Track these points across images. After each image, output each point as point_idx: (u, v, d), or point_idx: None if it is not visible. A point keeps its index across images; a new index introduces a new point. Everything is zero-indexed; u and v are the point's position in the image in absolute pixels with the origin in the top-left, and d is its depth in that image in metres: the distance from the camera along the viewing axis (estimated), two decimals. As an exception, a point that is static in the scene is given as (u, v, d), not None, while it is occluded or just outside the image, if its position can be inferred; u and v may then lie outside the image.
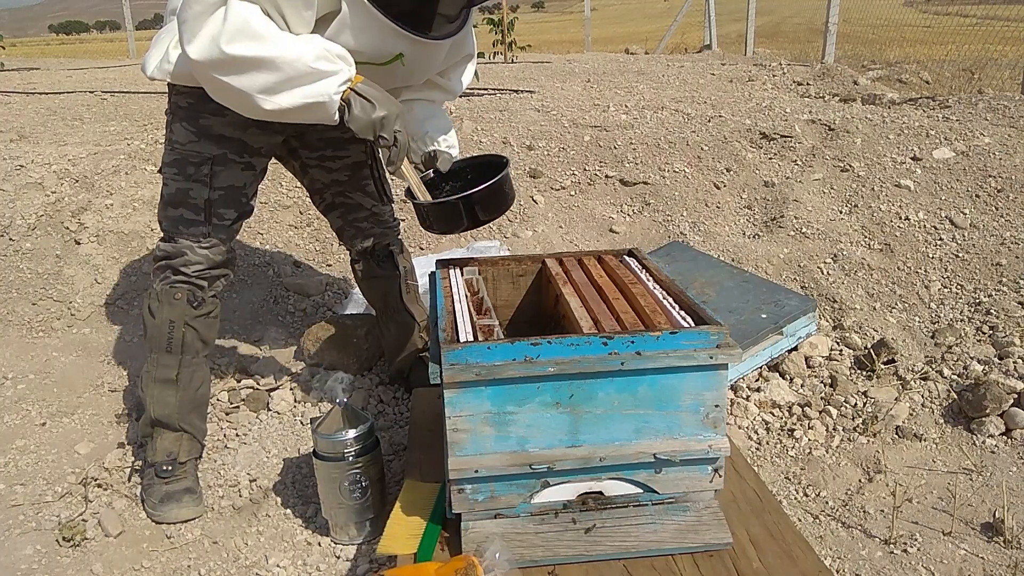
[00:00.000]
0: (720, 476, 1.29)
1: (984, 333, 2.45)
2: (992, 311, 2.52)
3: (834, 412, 2.14)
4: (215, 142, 1.69)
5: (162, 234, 1.78)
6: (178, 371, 1.78)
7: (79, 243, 2.73)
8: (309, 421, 2.12)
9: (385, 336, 2.21)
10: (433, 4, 1.55)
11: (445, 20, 1.59)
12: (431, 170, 1.74)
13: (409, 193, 1.66)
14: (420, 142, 1.71)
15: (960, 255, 2.78)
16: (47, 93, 4.94)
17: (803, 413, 2.16)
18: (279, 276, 2.79)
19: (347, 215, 2.05)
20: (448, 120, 1.81)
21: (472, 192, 1.55)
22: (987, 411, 2.06)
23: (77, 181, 2.98)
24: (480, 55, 6.49)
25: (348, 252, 2.17)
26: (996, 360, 2.28)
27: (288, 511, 1.84)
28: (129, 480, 1.91)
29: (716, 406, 1.25)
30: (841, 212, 3.06)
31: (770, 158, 3.39)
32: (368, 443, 1.66)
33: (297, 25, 1.45)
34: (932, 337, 2.48)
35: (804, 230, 2.95)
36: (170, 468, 1.79)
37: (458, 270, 1.63)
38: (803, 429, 2.11)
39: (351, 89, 1.48)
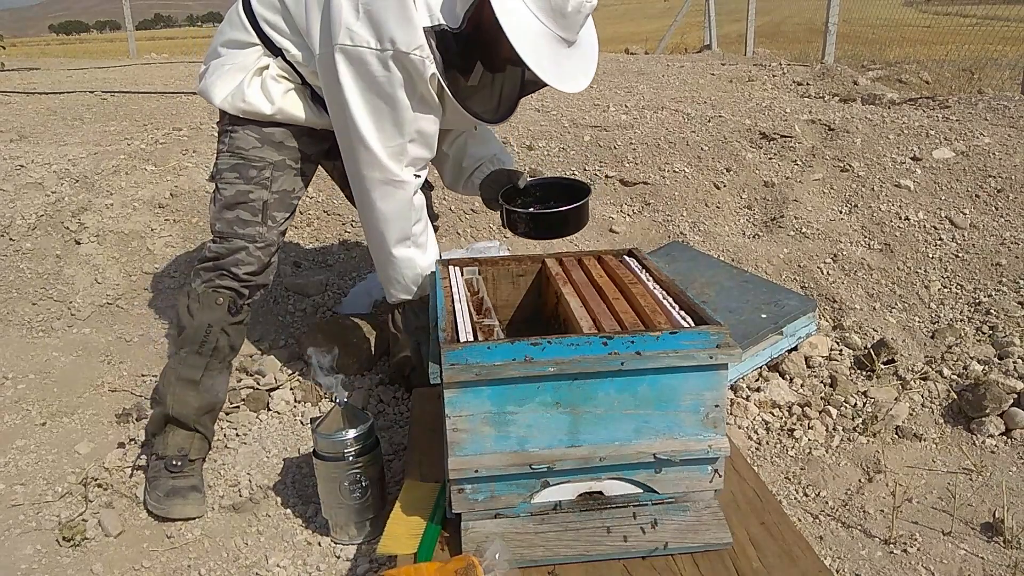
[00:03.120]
0: (720, 476, 1.29)
1: (984, 333, 2.45)
2: (992, 311, 2.52)
3: (834, 412, 2.14)
4: (276, 148, 1.85)
5: (213, 236, 1.88)
6: (203, 373, 1.84)
7: (79, 243, 2.73)
8: (309, 421, 2.12)
9: (395, 329, 2.22)
10: (501, 100, 1.91)
11: (508, 106, 1.94)
12: (511, 185, 2.00)
13: (509, 210, 1.93)
14: (487, 163, 2.05)
15: (960, 255, 2.78)
16: (47, 93, 4.94)
17: (803, 413, 2.16)
18: (279, 276, 2.79)
19: None
20: (499, 142, 2.15)
21: (565, 208, 1.87)
22: (987, 411, 2.06)
23: (77, 181, 2.98)
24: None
25: None
26: (996, 360, 2.28)
27: (288, 511, 1.84)
28: (130, 478, 1.91)
29: (716, 406, 1.25)
30: (841, 212, 3.06)
31: (770, 158, 3.39)
32: (368, 443, 1.67)
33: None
34: (932, 337, 2.48)
35: (804, 230, 2.95)
36: (180, 464, 1.82)
37: (458, 270, 1.63)
38: (803, 429, 2.11)
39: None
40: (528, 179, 2.01)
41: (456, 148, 2.07)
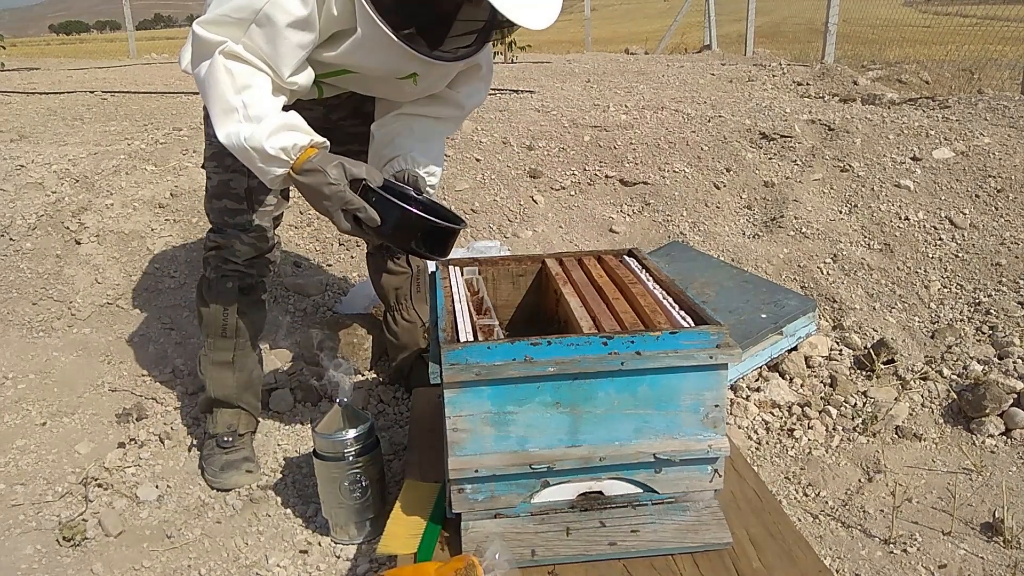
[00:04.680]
0: (720, 476, 1.29)
1: (984, 333, 2.45)
2: (992, 311, 2.52)
3: (834, 412, 2.14)
4: None
5: (211, 225, 1.87)
6: (233, 354, 1.91)
7: (79, 243, 2.73)
8: (309, 421, 2.12)
9: (389, 332, 2.24)
10: (445, 27, 1.53)
11: (458, 42, 1.56)
12: (405, 183, 1.65)
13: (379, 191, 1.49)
14: (402, 158, 1.67)
15: (960, 255, 2.78)
16: (47, 93, 4.94)
17: (803, 413, 2.16)
18: (279, 276, 2.79)
19: None
20: (440, 150, 1.77)
21: (436, 221, 1.46)
22: (987, 411, 2.06)
23: (77, 181, 2.98)
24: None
25: (365, 244, 2.20)
26: (996, 360, 2.28)
27: (288, 511, 1.84)
28: (131, 477, 1.91)
29: (716, 406, 1.25)
30: (841, 212, 3.06)
31: (770, 158, 3.39)
32: (368, 443, 1.67)
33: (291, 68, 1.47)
34: (932, 337, 2.48)
35: (804, 230, 2.95)
36: (230, 439, 1.92)
37: (458, 270, 1.63)
38: (803, 429, 2.11)
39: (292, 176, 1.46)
40: (428, 189, 1.69)
41: (383, 133, 1.73)
